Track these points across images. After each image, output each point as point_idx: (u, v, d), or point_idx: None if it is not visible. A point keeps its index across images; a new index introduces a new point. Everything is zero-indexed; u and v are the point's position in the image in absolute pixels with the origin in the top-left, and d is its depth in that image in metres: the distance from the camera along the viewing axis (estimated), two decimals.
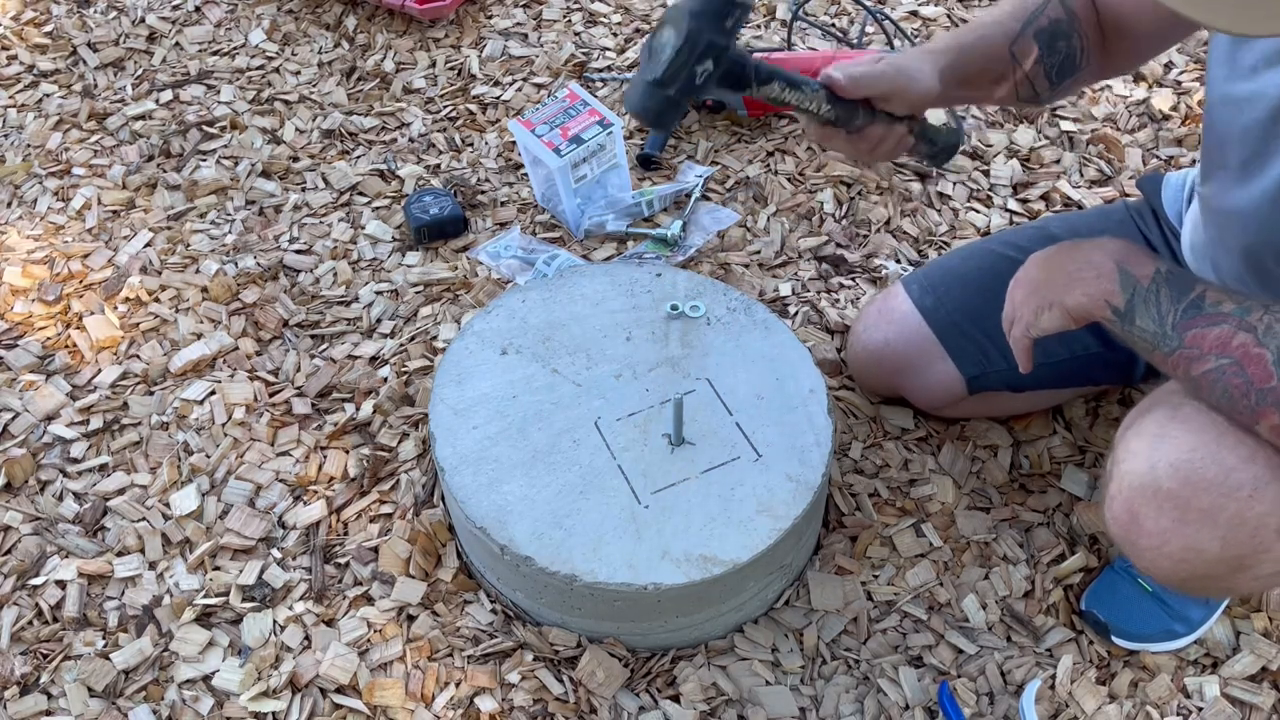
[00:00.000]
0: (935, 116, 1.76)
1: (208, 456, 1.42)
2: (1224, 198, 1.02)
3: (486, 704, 1.18)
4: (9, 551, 1.33)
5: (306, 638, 1.25)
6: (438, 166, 1.84)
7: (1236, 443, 0.86)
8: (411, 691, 1.20)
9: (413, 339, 1.56)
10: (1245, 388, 0.84)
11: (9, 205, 1.79)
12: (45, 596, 1.28)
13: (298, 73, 2.03)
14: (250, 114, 1.94)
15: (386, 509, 1.36)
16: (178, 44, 2.09)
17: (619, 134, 1.68)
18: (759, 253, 1.67)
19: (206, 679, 1.22)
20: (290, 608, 1.27)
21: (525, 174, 1.79)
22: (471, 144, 1.88)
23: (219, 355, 1.55)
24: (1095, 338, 1.23)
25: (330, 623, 1.26)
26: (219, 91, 1.99)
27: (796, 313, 1.57)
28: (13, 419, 1.47)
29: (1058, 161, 1.78)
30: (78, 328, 1.59)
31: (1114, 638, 1.22)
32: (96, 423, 1.46)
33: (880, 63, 1.02)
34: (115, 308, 1.62)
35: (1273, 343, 0.83)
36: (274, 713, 1.19)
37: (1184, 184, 1.23)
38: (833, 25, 2.08)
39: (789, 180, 1.78)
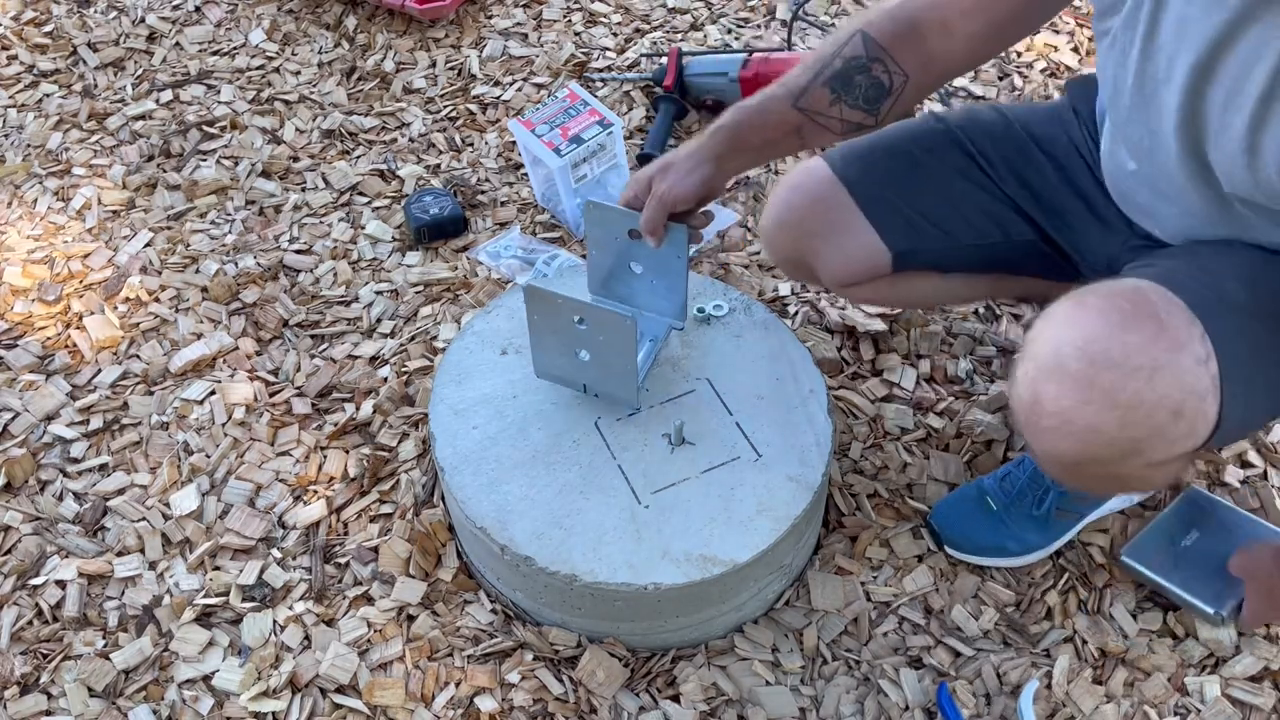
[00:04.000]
0: None
1: (208, 456, 1.42)
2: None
3: (486, 704, 1.18)
4: (9, 551, 1.33)
5: (306, 638, 1.25)
6: (438, 166, 1.84)
7: (1141, 325, 0.88)
8: (411, 691, 1.20)
9: (413, 339, 1.56)
10: None
11: (9, 205, 1.79)
12: (45, 596, 1.28)
13: (298, 73, 2.03)
14: (250, 114, 1.94)
15: (386, 509, 1.36)
16: (178, 44, 2.09)
17: (619, 134, 1.68)
18: (759, 253, 1.67)
19: (206, 679, 1.22)
20: (290, 608, 1.27)
21: (525, 174, 1.79)
22: (471, 144, 1.89)
23: (219, 355, 1.55)
24: (1030, 225, 1.22)
25: (330, 623, 1.26)
26: (219, 91, 1.99)
27: (796, 313, 1.58)
28: (13, 419, 1.47)
29: None
30: (78, 328, 1.59)
31: (947, 549, 1.30)
32: (96, 423, 1.46)
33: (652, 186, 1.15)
34: (115, 308, 1.62)
35: None
36: (274, 713, 1.19)
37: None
38: (833, 25, 2.08)
39: None
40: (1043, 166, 1.20)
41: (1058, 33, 2.03)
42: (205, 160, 1.86)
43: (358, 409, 1.47)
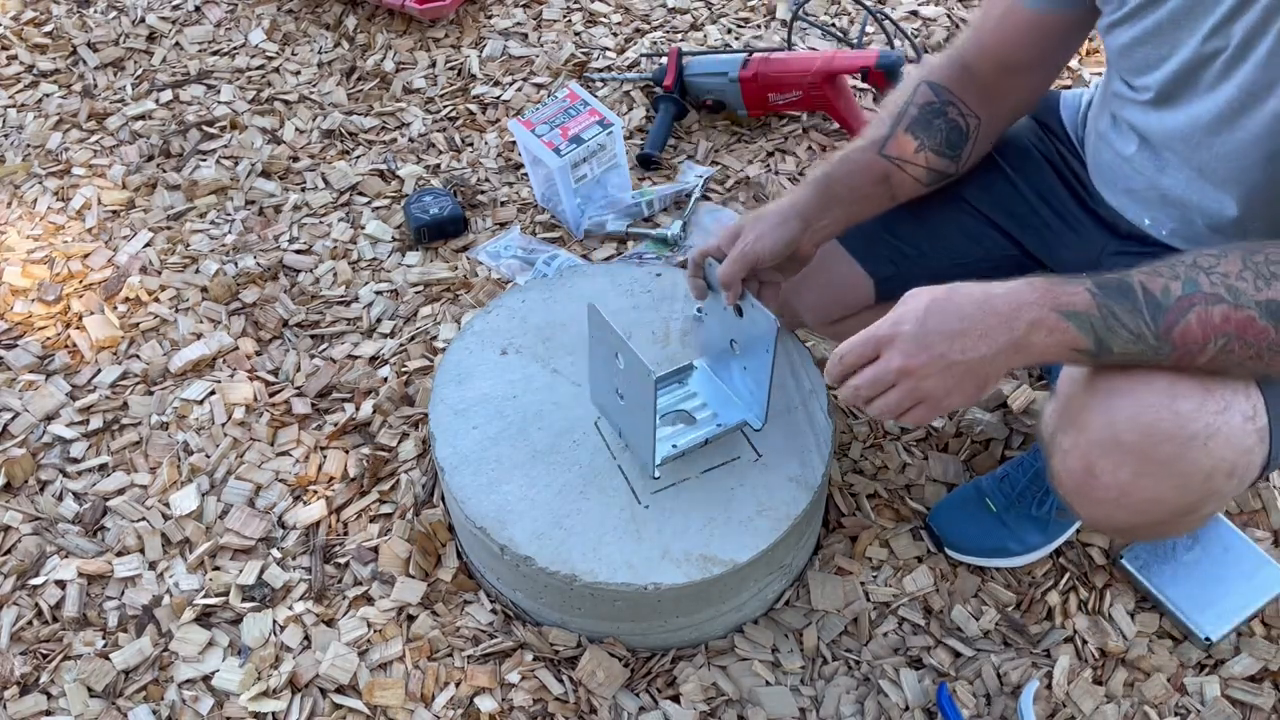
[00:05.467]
0: None
1: (208, 456, 1.42)
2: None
3: (486, 704, 1.18)
4: (9, 551, 1.33)
5: (306, 638, 1.25)
6: (438, 166, 1.84)
7: (1188, 391, 0.87)
8: (411, 691, 1.20)
9: (413, 339, 1.56)
10: (1256, 353, 0.85)
11: (9, 205, 1.79)
12: (45, 596, 1.28)
13: (298, 73, 2.03)
14: (250, 114, 1.94)
15: (386, 509, 1.36)
16: (178, 44, 2.09)
17: (619, 134, 1.68)
18: None
19: (206, 679, 1.22)
20: (290, 608, 1.27)
21: (525, 174, 1.79)
22: (471, 144, 1.89)
23: (219, 355, 1.55)
24: (1009, 240, 1.21)
25: (330, 623, 1.26)
26: (219, 91, 1.99)
27: None
28: (13, 419, 1.47)
29: None
30: (78, 328, 1.59)
31: (948, 550, 1.30)
32: (96, 423, 1.46)
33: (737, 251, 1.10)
34: (115, 308, 1.62)
35: (1245, 299, 0.84)
36: (274, 713, 1.19)
37: (1079, 104, 1.21)
38: (833, 25, 2.08)
39: (790, 180, 1.78)
40: (1014, 179, 1.20)
41: None
42: (205, 160, 1.86)
43: (358, 409, 1.47)
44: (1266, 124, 0.90)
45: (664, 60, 1.95)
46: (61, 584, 1.30)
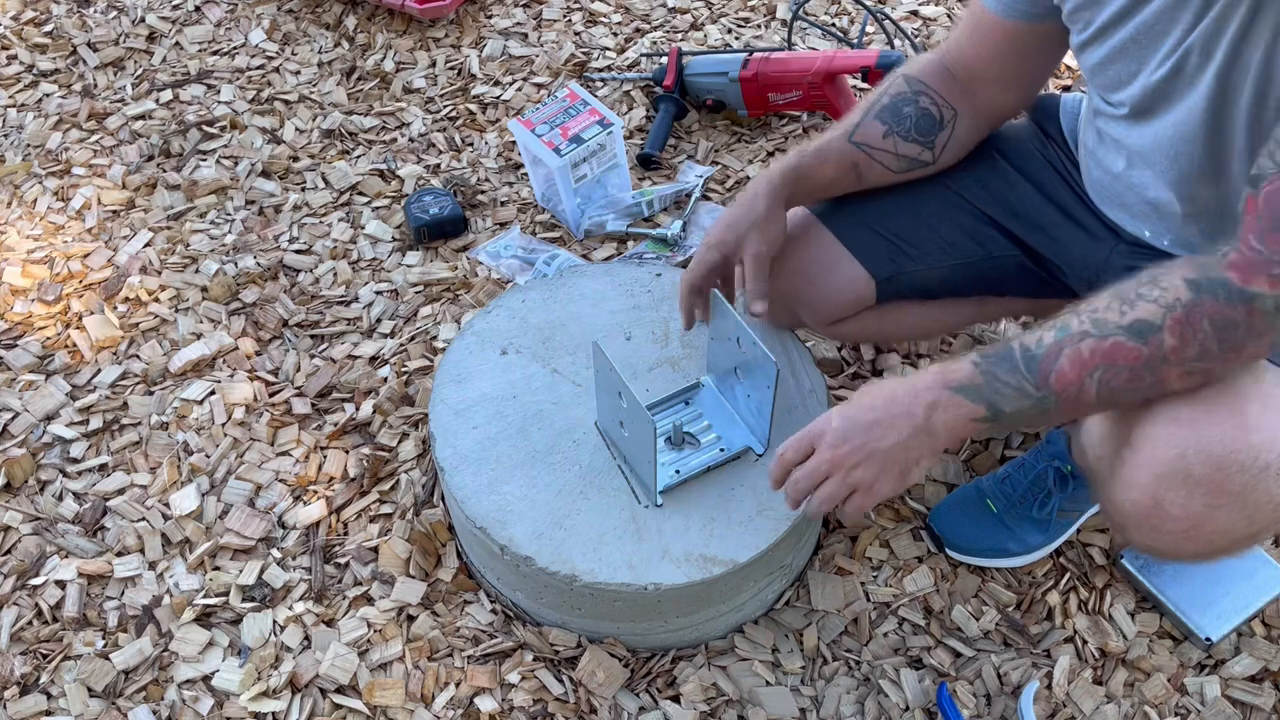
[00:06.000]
0: None
1: (208, 456, 1.42)
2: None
3: (486, 704, 1.18)
4: (9, 551, 1.33)
5: (306, 638, 1.25)
6: (438, 166, 1.84)
7: (1259, 421, 0.86)
8: (411, 692, 1.20)
9: (413, 339, 1.56)
10: (1133, 375, 0.86)
11: (9, 205, 1.79)
12: (45, 596, 1.28)
13: (298, 72, 2.03)
14: (250, 114, 1.94)
15: (386, 509, 1.36)
16: (178, 44, 2.09)
17: (619, 134, 1.68)
18: None
19: (206, 679, 1.22)
20: (290, 608, 1.27)
21: (525, 174, 1.79)
22: (471, 144, 1.88)
23: (219, 355, 1.55)
24: (1011, 241, 1.21)
25: (330, 623, 1.26)
26: (219, 91, 1.99)
27: None
28: (13, 419, 1.47)
29: None
30: (78, 328, 1.59)
31: (948, 550, 1.30)
32: (96, 423, 1.46)
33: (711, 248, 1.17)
34: (115, 308, 1.62)
35: (1109, 328, 0.85)
36: (274, 713, 1.19)
37: (1079, 109, 1.21)
38: (833, 25, 2.08)
39: None
40: (1017, 182, 1.20)
41: None
42: (205, 160, 1.86)
43: (358, 409, 1.47)
44: (1238, 126, 0.91)
45: (664, 60, 1.95)
46: (61, 584, 1.30)
